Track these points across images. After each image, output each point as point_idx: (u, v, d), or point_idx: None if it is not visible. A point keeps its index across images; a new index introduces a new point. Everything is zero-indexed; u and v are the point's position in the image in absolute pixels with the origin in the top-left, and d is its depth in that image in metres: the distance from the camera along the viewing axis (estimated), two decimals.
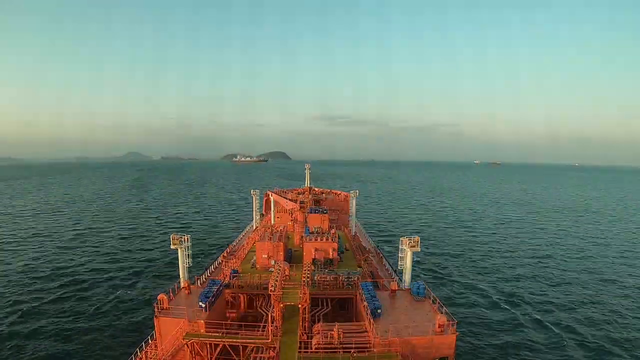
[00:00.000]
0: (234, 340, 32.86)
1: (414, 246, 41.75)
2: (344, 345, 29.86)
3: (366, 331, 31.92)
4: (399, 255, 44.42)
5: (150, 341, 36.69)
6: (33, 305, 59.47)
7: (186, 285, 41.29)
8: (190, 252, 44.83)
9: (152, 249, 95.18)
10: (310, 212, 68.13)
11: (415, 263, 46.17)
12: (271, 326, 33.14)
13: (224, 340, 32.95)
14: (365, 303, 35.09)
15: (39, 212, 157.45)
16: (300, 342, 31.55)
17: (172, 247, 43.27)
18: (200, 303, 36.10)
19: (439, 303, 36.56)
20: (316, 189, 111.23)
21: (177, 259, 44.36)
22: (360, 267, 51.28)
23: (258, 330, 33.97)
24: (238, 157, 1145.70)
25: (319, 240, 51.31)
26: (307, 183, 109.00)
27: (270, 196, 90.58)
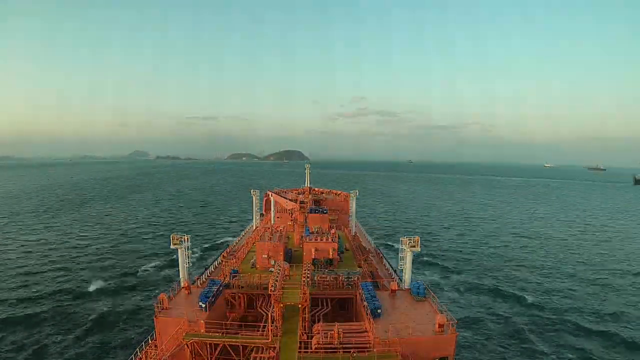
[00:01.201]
0: (234, 340, 32.84)
1: (414, 246, 41.70)
2: (344, 345, 29.80)
3: (366, 331, 31.87)
4: (399, 255, 44.41)
5: (150, 341, 36.66)
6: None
7: (186, 285, 41.28)
8: (190, 252, 44.81)
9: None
10: (310, 212, 68.02)
11: (415, 263, 46.06)
12: (271, 326, 33.11)
13: (224, 340, 32.94)
14: (365, 303, 35.07)
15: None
16: (300, 342, 31.50)
17: (172, 247, 43.28)
18: (200, 303, 36.09)
19: (438, 303, 36.57)
20: (316, 189, 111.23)
21: (177, 259, 44.37)
22: (360, 267, 51.26)
23: (258, 330, 33.96)
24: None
25: (319, 240, 51.26)
26: (307, 183, 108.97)
27: (270, 196, 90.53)
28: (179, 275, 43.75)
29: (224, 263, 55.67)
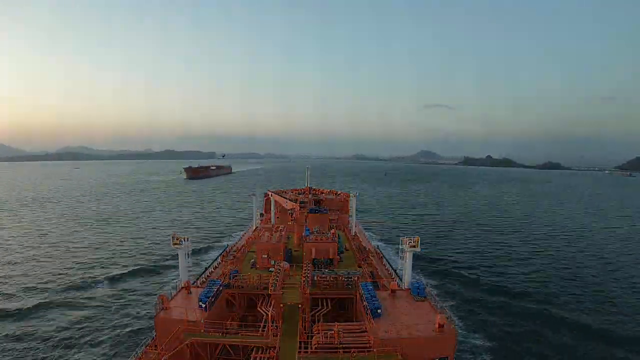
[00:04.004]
0: (234, 340, 32.90)
1: (414, 246, 41.68)
2: (344, 345, 29.86)
3: (366, 331, 31.91)
4: (399, 255, 44.40)
5: (150, 341, 36.69)
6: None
7: (186, 285, 41.32)
8: (190, 252, 44.84)
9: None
10: (310, 212, 68.14)
11: (415, 263, 46.05)
12: (271, 326, 33.16)
13: (224, 340, 33.00)
14: (365, 303, 35.09)
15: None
16: (300, 342, 31.52)
17: (172, 246, 43.34)
18: (200, 303, 36.10)
19: (438, 303, 36.59)
20: (316, 189, 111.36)
21: (177, 258, 44.41)
22: (360, 267, 51.29)
23: (258, 330, 33.99)
24: None
25: (319, 240, 51.31)
26: (307, 183, 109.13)
27: (270, 196, 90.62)
28: (179, 275, 43.78)
29: (224, 263, 55.69)
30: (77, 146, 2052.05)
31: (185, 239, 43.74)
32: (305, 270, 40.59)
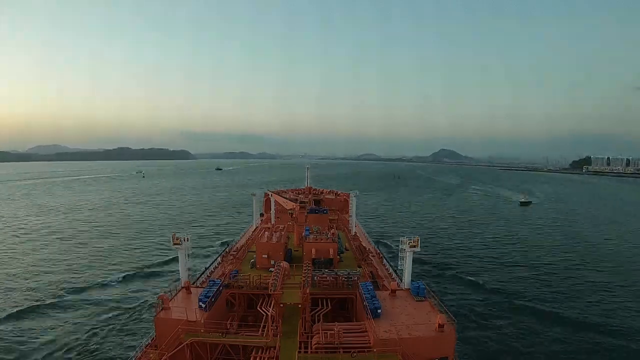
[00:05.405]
0: (234, 340, 32.91)
1: (414, 246, 41.65)
2: (344, 345, 29.86)
3: (366, 331, 31.92)
4: (399, 255, 44.40)
5: (150, 341, 36.68)
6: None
7: (186, 285, 41.33)
8: (190, 252, 44.85)
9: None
10: (310, 212, 68.08)
11: (415, 263, 46.08)
12: (271, 326, 33.16)
13: (224, 340, 33.00)
14: (365, 303, 35.09)
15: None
16: (300, 342, 31.53)
17: (172, 246, 43.34)
18: (200, 303, 36.11)
19: (439, 303, 36.58)
20: (316, 189, 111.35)
21: (177, 258, 44.41)
22: (360, 267, 51.29)
23: (258, 330, 34.00)
24: None
25: (319, 240, 51.30)
26: (307, 183, 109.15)
27: (270, 196, 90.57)
28: (179, 275, 43.80)
29: (224, 263, 55.68)
30: (49, 145, 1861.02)
31: (185, 239, 43.72)
32: (305, 270, 40.57)
